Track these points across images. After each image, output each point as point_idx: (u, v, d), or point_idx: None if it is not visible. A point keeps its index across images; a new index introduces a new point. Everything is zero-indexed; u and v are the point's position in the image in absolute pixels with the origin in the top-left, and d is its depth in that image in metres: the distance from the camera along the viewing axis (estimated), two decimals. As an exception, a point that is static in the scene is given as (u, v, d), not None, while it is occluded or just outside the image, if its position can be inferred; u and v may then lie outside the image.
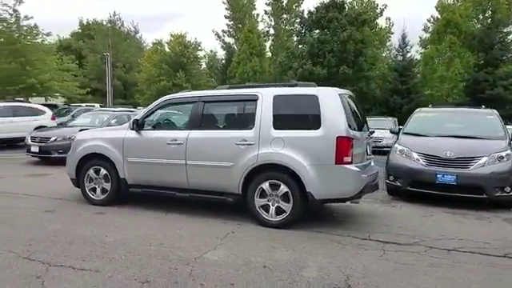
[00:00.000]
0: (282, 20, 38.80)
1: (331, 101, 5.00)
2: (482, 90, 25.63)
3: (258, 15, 39.29)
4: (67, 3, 72.62)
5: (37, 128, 12.83)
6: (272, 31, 39.05)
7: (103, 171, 6.06)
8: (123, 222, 5.24)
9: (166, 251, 4.12)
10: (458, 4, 30.92)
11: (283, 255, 4.10)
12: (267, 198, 5.12)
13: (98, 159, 6.10)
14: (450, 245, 4.53)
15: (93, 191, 6.18)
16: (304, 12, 29.69)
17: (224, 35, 39.04)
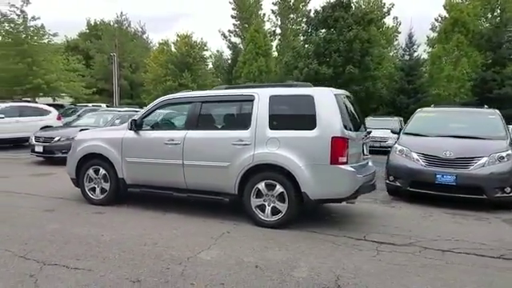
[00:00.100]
0: (289, 19, 38.80)
1: (327, 101, 5.00)
2: (490, 90, 25.41)
3: (265, 15, 39.35)
4: (75, 4, 73.39)
5: (42, 128, 12.97)
6: (279, 31, 39.10)
7: (102, 171, 6.12)
8: (121, 222, 5.28)
9: (160, 251, 4.15)
10: (467, 3, 30.59)
11: (276, 255, 4.10)
12: (263, 198, 5.13)
13: (98, 159, 6.16)
14: (446, 246, 4.50)
15: (92, 191, 6.23)
16: (310, 11, 29.65)
17: (230, 35, 39.09)
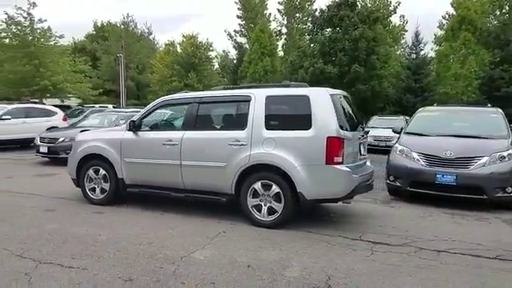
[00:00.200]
0: (295, 19, 38.73)
1: (322, 101, 5.00)
2: (498, 88, 25.04)
3: (270, 15, 39.31)
4: (82, 6, 74.03)
5: (48, 129, 13.13)
6: (285, 30, 39.05)
7: (102, 171, 6.19)
8: (119, 222, 5.33)
9: (155, 250, 4.19)
10: (474, 0, 30.27)
11: (269, 255, 4.12)
12: (259, 198, 5.15)
13: (97, 160, 6.23)
14: (442, 246, 4.47)
15: (92, 191, 6.31)
16: (316, 11, 29.56)
17: (236, 35, 39.10)
